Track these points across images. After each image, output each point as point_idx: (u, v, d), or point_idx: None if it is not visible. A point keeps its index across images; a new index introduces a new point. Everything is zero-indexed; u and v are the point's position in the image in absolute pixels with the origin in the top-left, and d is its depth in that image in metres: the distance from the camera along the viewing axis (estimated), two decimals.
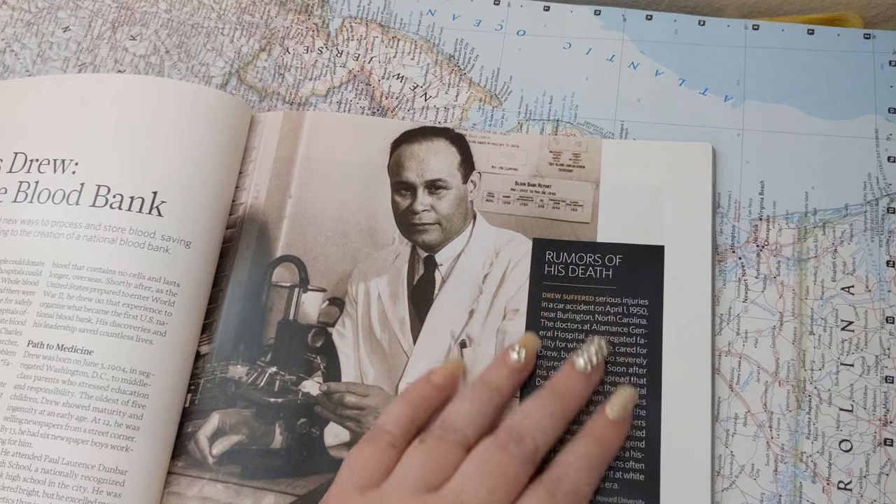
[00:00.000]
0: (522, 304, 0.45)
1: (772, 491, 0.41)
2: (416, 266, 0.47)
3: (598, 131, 0.49)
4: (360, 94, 0.52)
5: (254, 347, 0.46)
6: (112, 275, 0.44)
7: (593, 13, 0.53)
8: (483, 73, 0.52)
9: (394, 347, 0.45)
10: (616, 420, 0.40)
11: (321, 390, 0.45)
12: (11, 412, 0.42)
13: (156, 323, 0.44)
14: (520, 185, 0.48)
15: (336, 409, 0.44)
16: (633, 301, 0.44)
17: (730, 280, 0.45)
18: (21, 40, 0.56)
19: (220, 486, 0.43)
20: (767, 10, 0.56)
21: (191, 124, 0.48)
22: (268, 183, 0.49)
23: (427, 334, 0.45)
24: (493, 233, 0.47)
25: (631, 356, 0.43)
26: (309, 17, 0.55)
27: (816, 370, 0.43)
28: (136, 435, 0.42)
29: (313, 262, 0.47)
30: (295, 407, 0.45)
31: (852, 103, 0.48)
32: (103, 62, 0.55)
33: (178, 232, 0.45)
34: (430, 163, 0.49)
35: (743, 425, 0.42)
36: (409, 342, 0.45)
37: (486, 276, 0.46)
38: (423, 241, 0.47)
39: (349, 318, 0.46)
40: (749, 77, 0.50)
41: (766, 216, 0.46)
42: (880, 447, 0.41)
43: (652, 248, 0.45)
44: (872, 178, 0.47)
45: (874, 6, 0.56)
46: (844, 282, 0.45)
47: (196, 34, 0.55)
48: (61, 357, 0.42)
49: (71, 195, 0.46)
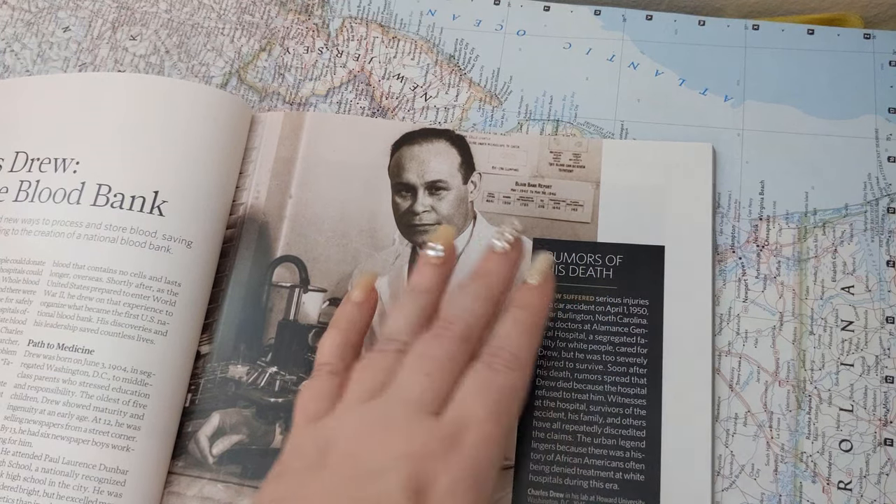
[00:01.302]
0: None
1: (772, 491, 0.41)
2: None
3: (598, 131, 0.49)
4: (360, 95, 0.52)
5: (254, 347, 0.46)
6: (113, 274, 0.44)
7: (593, 13, 0.53)
8: (483, 74, 0.52)
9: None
10: (536, 284, 0.40)
11: None
12: (12, 411, 0.42)
13: (157, 322, 0.44)
14: (520, 186, 0.48)
15: None
16: (634, 301, 0.44)
17: (730, 280, 0.45)
18: (21, 40, 0.56)
19: (221, 486, 0.43)
20: (767, 10, 0.57)
21: (191, 123, 0.48)
22: (268, 183, 0.49)
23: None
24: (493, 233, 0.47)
25: (631, 356, 0.43)
26: (309, 18, 0.55)
27: (816, 370, 0.43)
28: (136, 435, 0.42)
29: (314, 262, 0.47)
30: None
31: (852, 103, 0.48)
32: (103, 62, 0.55)
33: (179, 231, 0.45)
34: (431, 164, 0.49)
35: (743, 425, 0.42)
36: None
37: None
38: (423, 242, 0.47)
39: None
40: (749, 77, 0.50)
41: (766, 216, 0.46)
42: (880, 447, 0.41)
43: (652, 248, 0.45)
44: (872, 178, 0.47)
45: (874, 6, 0.56)
46: (844, 282, 0.45)
47: (196, 34, 0.55)
48: (62, 356, 0.42)
49: (72, 194, 0.46)
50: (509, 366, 0.37)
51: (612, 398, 0.43)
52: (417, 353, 0.37)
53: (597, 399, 0.43)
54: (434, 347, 0.37)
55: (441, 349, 0.37)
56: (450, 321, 0.38)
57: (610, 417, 0.42)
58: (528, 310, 0.39)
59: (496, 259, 0.40)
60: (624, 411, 0.42)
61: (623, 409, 0.42)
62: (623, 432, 0.42)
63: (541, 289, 0.40)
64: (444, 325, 0.38)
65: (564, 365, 0.44)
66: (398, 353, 0.38)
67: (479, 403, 0.36)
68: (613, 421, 0.42)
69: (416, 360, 0.37)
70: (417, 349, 0.37)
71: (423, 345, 0.38)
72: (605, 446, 0.42)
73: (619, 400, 0.43)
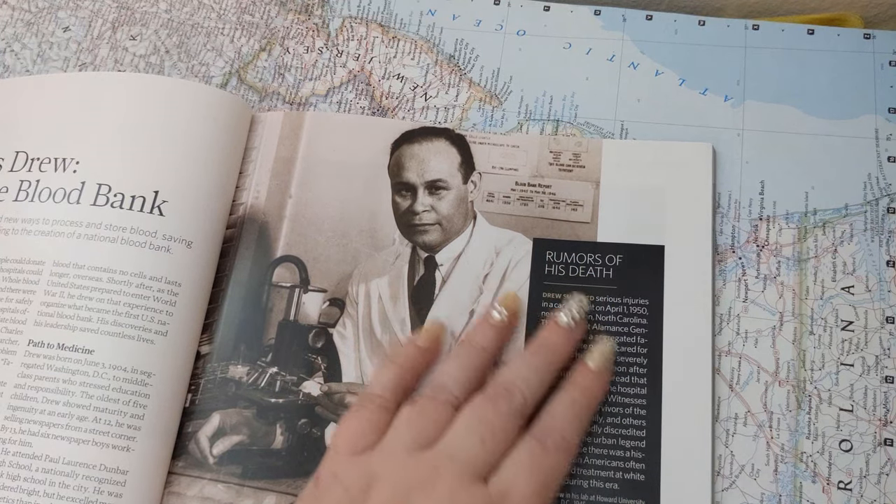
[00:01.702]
0: (523, 304, 0.45)
1: (772, 491, 0.41)
2: (417, 266, 0.47)
3: (598, 131, 0.49)
4: (360, 94, 0.52)
5: (254, 348, 0.46)
6: (113, 274, 0.44)
7: (593, 13, 0.53)
8: (483, 73, 0.52)
9: (395, 348, 0.45)
10: (596, 369, 0.41)
11: (322, 391, 0.45)
12: (12, 412, 0.42)
13: (157, 322, 0.44)
14: (520, 186, 0.48)
15: (337, 410, 0.44)
16: (634, 301, 0.44)
17: (730, 280, 0.45)
18: (21, 40, 0.56)
19: (221, 487, 0.43)
20: (767, 10, 0.57)
21: (191, 123, 0.48)
22: (268, 183, 0.49)
23: None
24: (493, 233, 0.47)
25: (631, 356, 0.43)
26: (309, 17, 0.55)
27: (816, 370, 0.43)
28: (137, 435, 0.42)
29: (314, 262, 0.47)
30: (296, 407, 0.45)
31: (852, 103, 0.48)
32: (103, 62, 0.55)
33: (179, 231, 0.45)
34: (431, 163, 0.49)
35: (743, 425, 0.42)
36: None
37: (487, 277, 0.46)
38: (423, 242, 0.47)
39: (350, 319, 0.46)
40: (749, 77, 0.50)
41: (766, 216, 0.46)
42: (880, 447, 0.41)
43: (652, 248, 0.45)
44: (872, 178, 0.47)
45: (874, 6, 0.56)
46: (844, 282, 0.45)
47: (196, 34, 0.55)
48: (62, 356, 0.42)
49: (72, 194, 0.46)
50: (560, 447, 0.38)
51: (612, 398, 0.43)
52: (473, 415, 0.38)
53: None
54: (490, 413, 0.38)
55: (497, 418, 0.38)
56: (508, 390, 0.39)
57: (610, 417, 0.42)
58: (586, 394, 0.40)
59: (559, 333, 0.42)
60: (624, 411, 0.42)
61: (623, 409, 0.42)
62: (623, 432, 0.42)
63: (601, 375, 0.41)
64: (501, 394, 0.39)
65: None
66: (449, 405, 0.39)
67: (526, 479, 0.37)
68: (613, 421, 0.42)
69: (470, 421, 0.38)
70: (474, 412, 0.38)
71: (479, 408, 0.38)
72: (605, 446, 0.42)
73: (619, 400, 0.43)
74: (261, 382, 0.45)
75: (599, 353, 0.41)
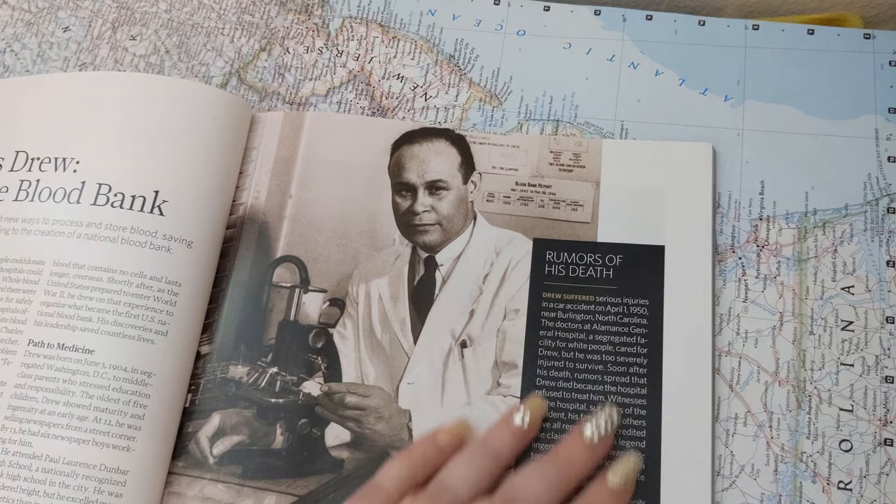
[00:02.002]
0: (523, 304, 0.45)
1: (772, 491, 0.41)
2: (417, 266, 0.47)
3: (598, 131, 0.49)
4: (360, 95, 0.52)
5: (254, 348, 0.46)
6: (113, 274, 0.44)
7: (593, 13, 0.53)
8: (483, 73, 0.52)
9: (394, 348, 0.45)
10: (617, 490, 0.39)
11: (322, 391, 0.45)
12: (12, 411, 0.42)
13: (157, 322, 0.44)
14: (520, 186, 0.48)
15: (337, 410, 0.44)
16: (634, 301, 0.44)
17: (730, 280, 0.45)
18: (21, 40, 0.56)
19: (221, 487, 0.43)
20: (767, 10, 0.57)
21: (191, 123, 0.48)
22: (268, 183, 0.49)
23: (428, 334, 0.45)
24: (493, 233, 0.47)
25: (631, 356, 0.43)
26: (309, 17, 0.55)
27: (816, 370, 0.43)
28: (137, 435, 0.42)
29: (314, 262, 0.47)
30: (296, 407, 0.45)
31: (852, 103, 0.48)
32: (103, 62, 0.55)
33: (179, 231, 0.45)
34: (431, 164, 0.49)
35: (743, 425, 0.42)
36: (409, 342, 0.45)
37: (487, 277, 0.46)
38: (423, 242, 0.47)
39: (350, 319, 0.46)
40: (749, 77, 0.50)
41: (766, 216, 0.46)
42: (880, 447, 0.42)
43: (652, 248, 0.45)
44: (872, 178, 0.47)
45: (874, 6, 0.56)
46: (844, 282, 0.45)
47: (196, 34, 0.55)
48: (62, 356, 0.42)
49: (72, 194, 0.46)
50: None
51: (613, 398, 0.43)
52: None
53: (597, 399, 0.43)
54: None
55: None
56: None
57: None
58: None
59: (581, 447, 0.40)
60: (624, 411, 0.42)
61: (623, 409, 0.42)
62: (623, 432, 0.42)
63: (621, 495, 0.39)
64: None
65: (564, 365, 0.44)
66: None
67: None
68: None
69: None
70: None
71: None
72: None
73: (620, 400, 0.43)
74: (261, 382, 0.45)
75: (623, 470, 0.39)
